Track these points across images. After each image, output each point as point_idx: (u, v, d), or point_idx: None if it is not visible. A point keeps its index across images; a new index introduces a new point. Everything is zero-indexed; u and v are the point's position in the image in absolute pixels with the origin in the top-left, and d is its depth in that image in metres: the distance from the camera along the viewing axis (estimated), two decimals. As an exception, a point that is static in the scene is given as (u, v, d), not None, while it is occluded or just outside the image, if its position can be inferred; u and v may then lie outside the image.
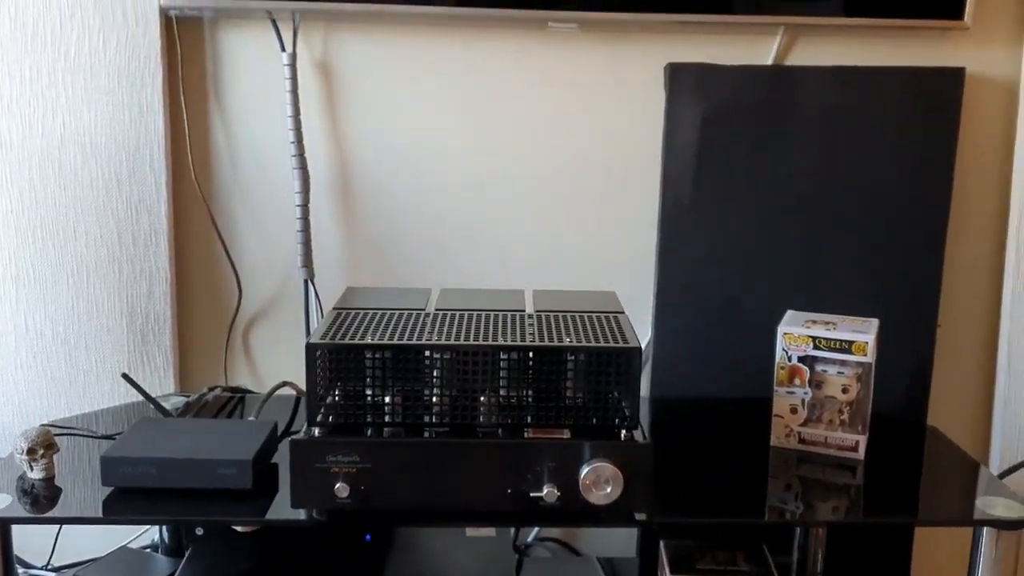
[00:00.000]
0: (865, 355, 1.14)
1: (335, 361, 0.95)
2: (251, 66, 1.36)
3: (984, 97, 1.40)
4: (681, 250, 1.39)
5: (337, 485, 0.93)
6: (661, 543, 1.24)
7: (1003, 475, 1.43)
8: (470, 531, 1.23)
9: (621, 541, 1.51)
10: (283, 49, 1.34)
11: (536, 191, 1.42)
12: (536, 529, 1.49)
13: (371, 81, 1.38)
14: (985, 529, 1.04)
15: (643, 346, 1.44)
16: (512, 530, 1.46)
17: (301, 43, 1.36)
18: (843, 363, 1.15)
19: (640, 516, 0.98)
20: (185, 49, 1.35)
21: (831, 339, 1.15)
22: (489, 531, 1.23)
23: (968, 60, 1.39)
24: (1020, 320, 1.41)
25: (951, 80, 1.36)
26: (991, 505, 1.05)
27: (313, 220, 1.40)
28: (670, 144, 1.37)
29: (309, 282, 1.40)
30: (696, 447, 1.21)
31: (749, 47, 1.39)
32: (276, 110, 1.37)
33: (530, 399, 0.98)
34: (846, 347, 1.14)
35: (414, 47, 1.37)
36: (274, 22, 1.33)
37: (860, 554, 1.45)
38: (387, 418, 0.96)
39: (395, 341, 0.95)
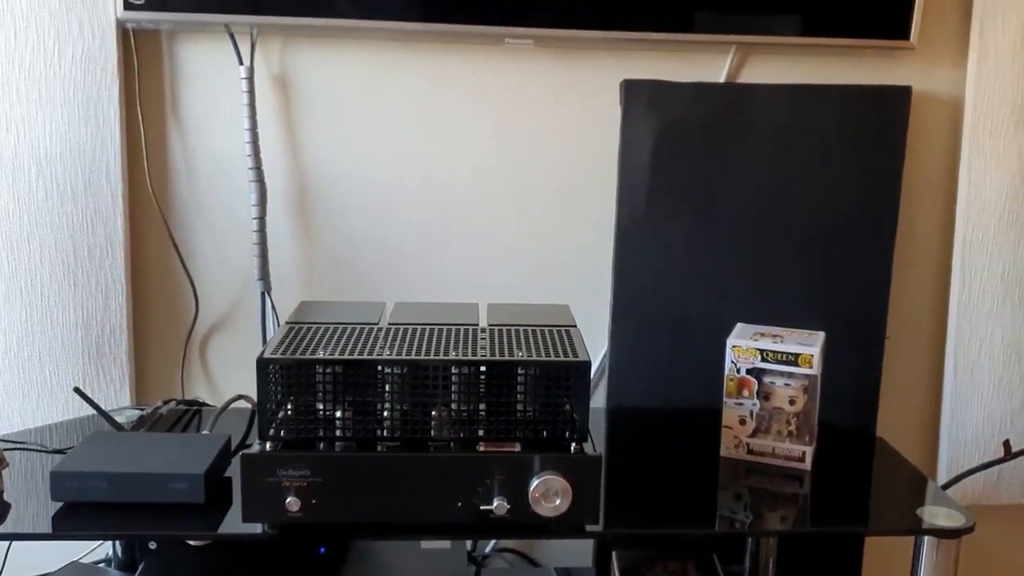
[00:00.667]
0: (811, 367, 1.16)
1: (287, 376, 0.95)
2: (209, 79, 1.37)
3: (930, 114, 1.44)
4: (636, 263, 1.41)
5: (288, 499, 0.93)
6: (613, 553, 1.25)
7: (949, 484, 1.46)
8: (425, 543, 1.24)
9: (578, 551, 1.53)
10: (241, 63, 1.35)
11: (493, 205, 1.43)
12: (493, 540, 1.50)
13: (329, 95, 1.38)
14: (926, 538, 1.07)
15: (599, 358, 1.47)
16: (468, 541, 1.47)
17: (259, 57, 1.37)
18: (790, 375, 1.17)
19: (591, 528, 1.00)
20: (142, 62, 1.35)
21: (778, 352, 1.17)
22: (444, 543, 1.23)
23: (915, 79, 1.42)
24: (966, 332, 1.45)
25: (898, 98, 1.39)
26: (932, 515, 1.07)
27: (270, 233, 1.40)
28: (625, 159, 1.39)
29: (266, 295, 1.41)
30: (649, 458, 1.23)
31: (702, 65, 1.41)
32: (234, 123, 1.37)
33: (482, 413, 0.99)
34: (792, 359, 1.16)
35: (372, 62, 1.38)
36: (232, 36, 1.34)
37: (811, 562, 1.48)
38: (339, 432, 0.97)
39: (347, 356, 0.96)
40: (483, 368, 0.98)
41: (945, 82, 1.43)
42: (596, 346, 1.48)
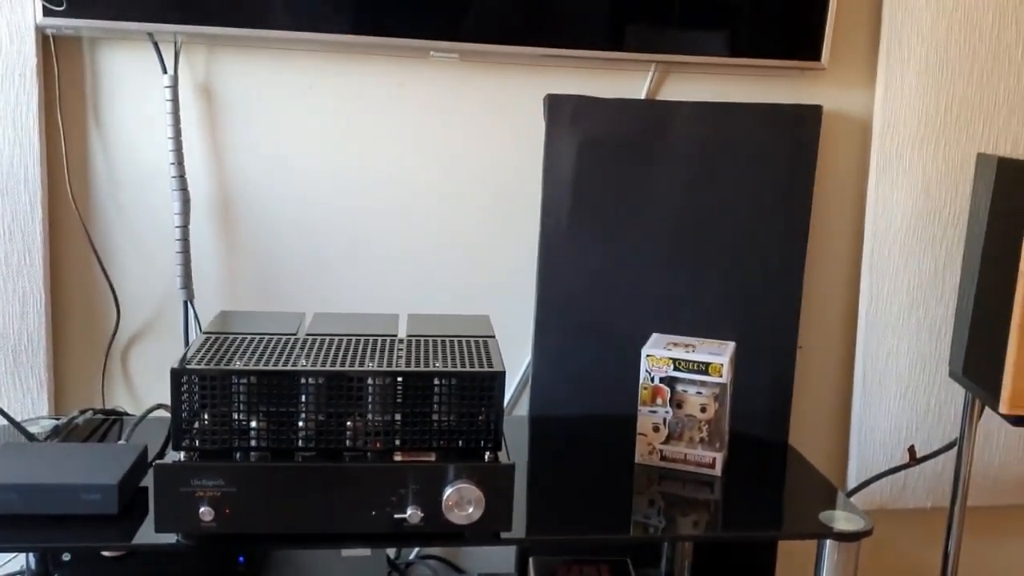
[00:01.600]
0: (721, 376, 1.20)
1: (202, 386, 0.96)
2: (131, 87, 1.36)
3: (840, 133, 1.49)
4: (559, 275, 1.44)
5: (202, 509, 0.94)
6: (530, 559, 1.28)
7: (856, 490, 1.52)
8: (346, 551, 1.25)
9: (501, 558, 1.55)
10: (164, 71, 1.34)
11: (418, 216, 1.45)
12: (416, 548, 1.52)
13: (254, 105, 1.39)
14: (828, 541, 1.11)
15: (523, 367, 1.49)
16: (388, 549, 1.48)
17: (183, 65, 1.36)
18: (702, 383, 1.21)
19: (505, 535, 1.02)
20: (63, 68, 1.34)
21: (690, 361, 1.21)
22: (364, 551, 1.25)
23: (825, 98, 1.48)
24: (874, 343, 1.50)
25: (810, 117, 1.44)
26: (833, 519, 1.12)
27: (193, 242, 1.40)
28: (549, 172, 1.42)
29: (189, 304, 1.40)
30: (568, 465, 1.25)
31: (624, 81, 1.45)
32: (157, 131, 1.37)
33: (399, 423, 1.00)
34: (703, 368, 1.20)
35: (298, 72, 1.39)
36: (155, 44, 1.34)
37: (725, 566, 1.52)
38: (255, 442, 0.98)
39: (263, 367, 0.97)
40: (400, 379, 0.99)
41: (854, 102, 1.49)
42: (521, 356, 1.50)
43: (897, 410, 1.52)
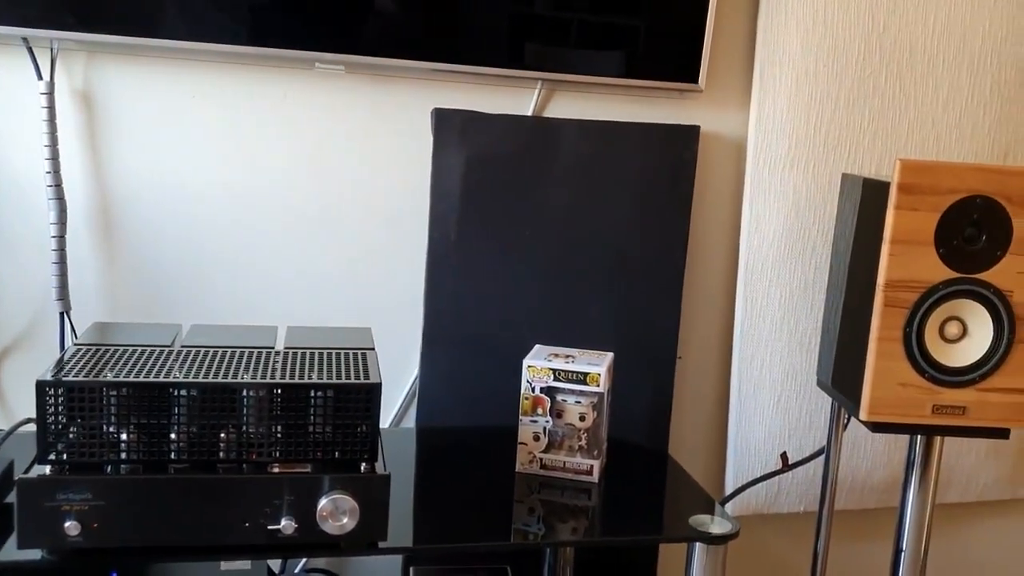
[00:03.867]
0: (599, 385, 1.24)
1: (70, 398, 0.94)
2: (5, 93, 1.33)
3: (717, 152, 1.56)
4: (446, 288, 1.45)
5: (68, 523, 0.92)
6: (411, 569, 1.29)
7: (732, 496, 1.58)
8: (225, 564, 1.24)
9: (388, 569, 1.55)
10: (40, 77, 1.31)
11: (303, 228, 1.45)
12: (304, 560, 1.51)
13: (134, 113, 1.37)
14: (698, 544, 1.15)
15: (411, 380, 1.50)
16: (277, 561, 1.47)
17: (61, 72, 1.34)
18: (580, 393, 1.25)
19: (382, 544, 1.03)
20: (-68, 72, 1.30)
21: (569, 371, 1.24)
22: (244, 564, 1.24)
23: (703, 119, 1.54)
24: (748, 354, 1.57)
25: (688, 136, 1.50)
26: (702, 523, 1.16)
27: (71, 252, 1.37)
28: (437, 186, 1.44)
29: (65, 316, 1.37)
30: (452, 476, 1.27)
31: (511, 98, 1.48)
32: (32, 139, 1.34)
33: (276, 435, 1.00)
34: (582, 378, 1.24)
35: (180, 82, 1.37)
36: (31, 50, 1.31)
37: (608, 570, 1.56)
38: (126, 455, 0.96)
39: (132, 379, 0.96)
40: (277, 391, 1.00)
41: (730, 123, 1.55)
42: (409, 368, 1.52)
43: (770, 418, 1.59)
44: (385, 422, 1.52)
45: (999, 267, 1.19)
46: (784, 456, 1.54)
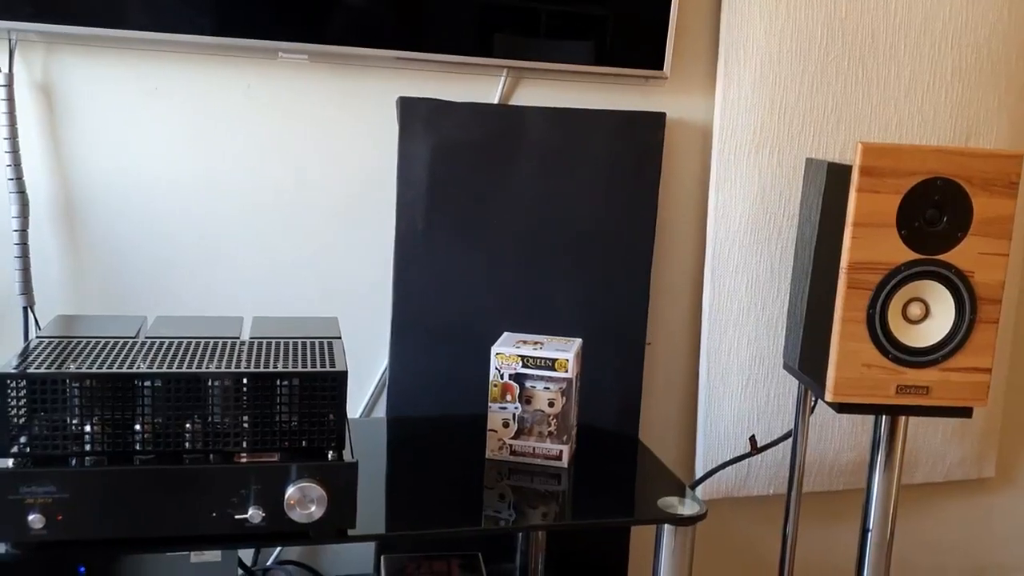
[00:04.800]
0: (567, 371, 1.24)
1: (32, 391, 0.93)
2: (-37, 85, 1.31)
3: (683, 139, 1.57)
4: (415, 277, 1.45)
5: (31, 516, 0.92)
6: (382, 558, 1.29)
7: (702, 479, 1.59)
8: (195, 556, 1.23)
9: (361, 559, 1.55)
10: (-1, 69, 1.30)
11: (269, 218, 1.44)
12: (277, 551, 1.51)
13: (97, 105, 1.36)
14: (666, 526, 1.16)
15: (381, 369, 1.50)
16: (249, 552, 1.47)
17: (20, 64, 1.32)
18: (549, 379, 1.25)
19: (351, 532, 1.03)
20: None
21: (537, 357, 1.24)
22: (215, 555, 1.23)
23: (669, 106, 1.54)
24: (716, 338, 1.58)
25: (654, 123, 1.51)
26: (670, 505, 1.17)
27: (33, 246, 1.35)
28: (403, 175, 1.44)
29: (29, 310, 1.36)
30: (423, 464, 1.27)
31: (477, 86, 1.48)
32: (-8, 131, 1.32)
33: (243, 424, 1.00)
34: (550, 364, 1.24)
35: (142, 72, 1.36)
36: (-12, 41, 1.29)
37: (580, 556, 1.56)
38: (90, 447, 0.96)
39: (95, 370, 0.95)
40: (244, 380, 0.99)
41: (696, 109, 1.56)
42: (379, 358, 1.51)
43: (739, 402, 1.60)
44: (355, 413, 1.52)
45: (960, 248, 1.20)
46: (753, 439, 1.55)
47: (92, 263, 1.39)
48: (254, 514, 0.97)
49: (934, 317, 1.23)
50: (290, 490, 0.97)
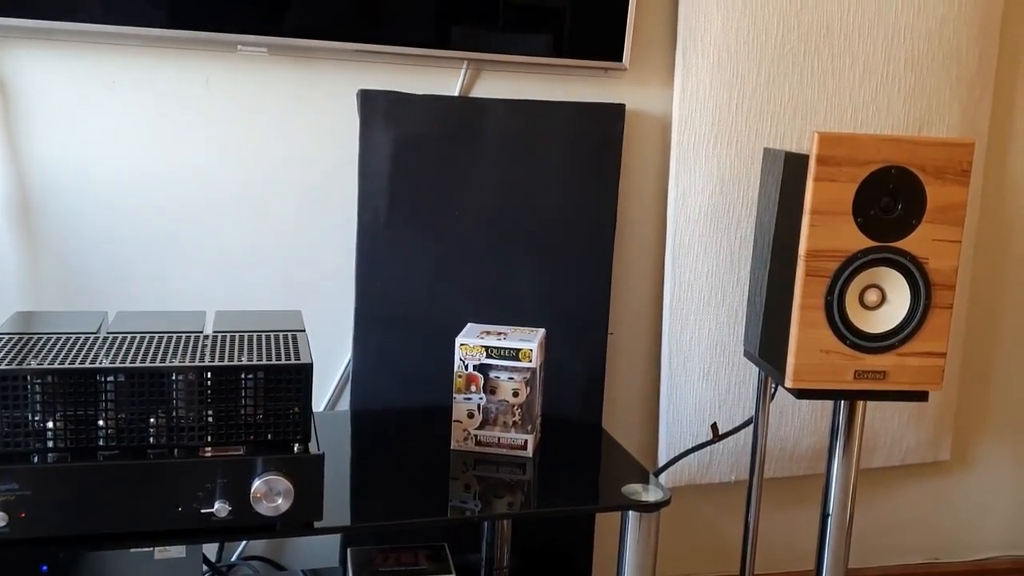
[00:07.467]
0: (531, 361, 1.25)
1: (-9, 388, 0.92)
2: (-87, 79, 1.29)
3: (642, 129, 1.58)
4: (377, 270, 1.45)
5: (-7, 515, 0.91)
6: (348, 551, 1.29)
7: (665, 467, 1.61)
8: (159, 553, 1.22)
9: (327, 553, 1.55)
10: (-50, 62, 1.28)
11: (229, 212, 1.43)
12: (242, 546, 1.50)
13: (53, 99, 1.34)
14: (631, 513, 1.18)
15: (345, 362, 1.50)
16: (214, 547, 1.46)
17: (-28, 57, 1.30)
18: (513, 369, 1.26)
19: (318, 524, 1.03)
20: None
21: (501, 348, 1.25)
22: (179, 551, 1.22)
23: (628, 97, 1.56)
24: (678, 327, 1.60)
25: (614, 114, 1.52)
26: (634, 491, 1.19)
27: (-11, 242, 1.33)
28: (365, 168, 1.44)
29: (-15, 307, 1.34)
30: (388, 456, 1.27)
31: (437, 78, 1.48)
32: (-57, 126, 1.30)
33: (207, 418, 1.00)
34: (514, 354, 1.25)
35: (98, 66, 1.34)
36: (-61, 34, 1.27)
37: (546, 545, 1.58)
38: (53, 444, 0.95)
39: (56, 366, 0.94)
40: (208, 374, 0.99)
41: (655, 101, 1.57)
42: (342, 351, 1.51)
43: (700, 390, 1.62)
44: (319, 406, 1.52)
45: (915, 235, 1.23)
46: (715, 427, 1.57)
47: (50, 259, 1.37)
48: (220, 508, 0.96)
49: (890, 303, 1.25)
50: (256, 483, 0.97)
